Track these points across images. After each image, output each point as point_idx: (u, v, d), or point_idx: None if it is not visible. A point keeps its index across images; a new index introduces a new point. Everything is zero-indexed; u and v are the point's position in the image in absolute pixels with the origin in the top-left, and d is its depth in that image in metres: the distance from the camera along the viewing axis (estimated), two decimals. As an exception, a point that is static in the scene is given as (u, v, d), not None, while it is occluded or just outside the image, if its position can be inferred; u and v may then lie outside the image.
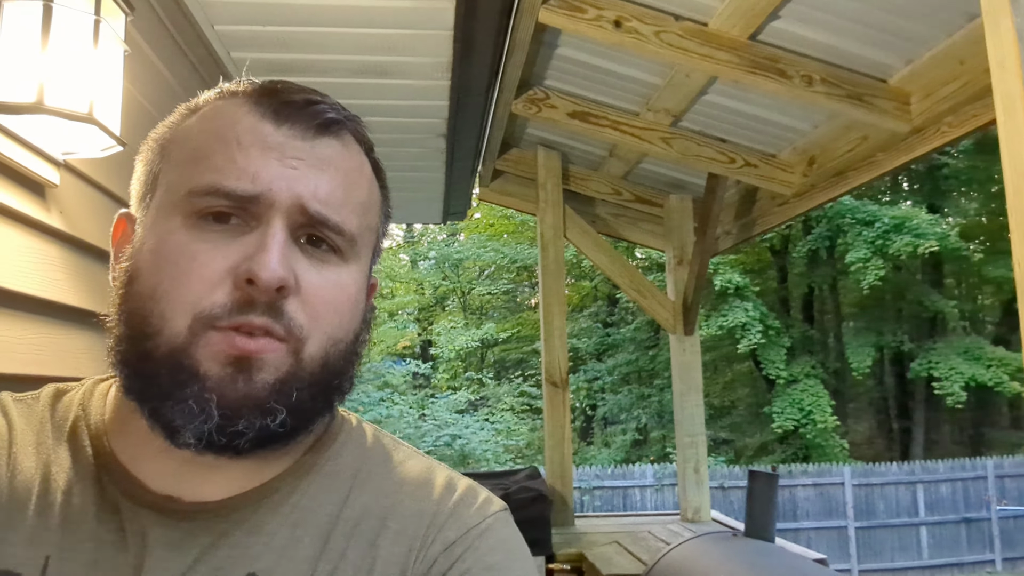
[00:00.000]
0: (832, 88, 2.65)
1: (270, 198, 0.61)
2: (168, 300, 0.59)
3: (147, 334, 0.59)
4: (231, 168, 0.61)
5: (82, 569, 0.60)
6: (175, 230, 0.61)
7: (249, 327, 0.58)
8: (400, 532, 0.65)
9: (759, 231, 3.86)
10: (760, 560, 2.40)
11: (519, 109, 3.43)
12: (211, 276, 0.59)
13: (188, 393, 0.57)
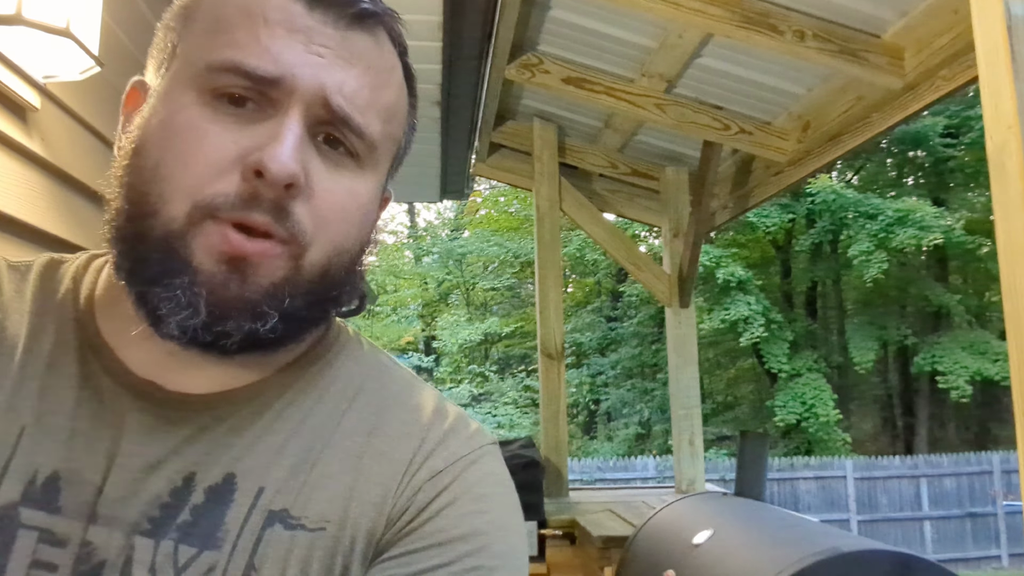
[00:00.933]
0: (824, 44, 2.63)
1: (291, 84, 0.56)
2: (170, 181, 0.55)
3: (144, 213, 0.56)
4: (253, 46, 0.56)
5: (55, 443, 0.57)
6: (188, 105, 0.56)
7: (250, 224, 0.55)
8: (385, 453, 0.62)
9: (755, 202, 3.84)
10: (748, 514, 2.38)
11: (512, 75, 3.41)
12: (218, 162, 0.55)
13: (177, 284, 0.54)
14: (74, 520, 0.55)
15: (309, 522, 0.58)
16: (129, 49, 1.92)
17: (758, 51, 2.86)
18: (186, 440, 0.59)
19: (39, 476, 0.56)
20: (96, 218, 1.76)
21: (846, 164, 19.17)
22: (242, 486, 0.58)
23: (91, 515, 0.56)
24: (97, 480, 0.56)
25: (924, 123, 16.31)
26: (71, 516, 0.55)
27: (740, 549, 2.10)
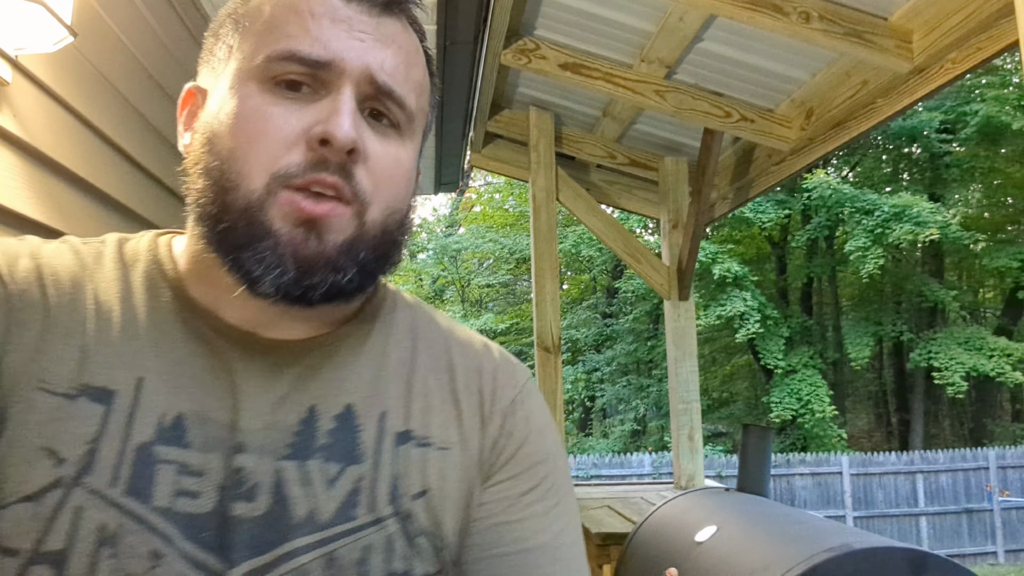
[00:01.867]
0: (830, 25, 2.55)
1: (341, 65, 0.64)
2: (246, 160, 0.63)
3: (226, 188, 0.63)
4: (305, 36, 0.64)
5: (174, 390, 0.63)
6: (252, 95, 0.64)
7: (322, 183, 0.62)
8: (468, 386, 0.73)
9: (756, 192, 3.77)
10: (753, 510, 2.31)
11: (508, 60, 3.33)
12: (287, 137, 0.62)
13: (264, 247, 0.61)
14: (208, 452, 0.62)
15: (437, 441, 0.69)
16: (105, 21, 1.83)
17: (761, 34, 2.79)
18: (299, 378, 0.67)
19: (166, 418, 0.62)
20: (74, 200, 1.68)
21: (842, 160, 19.15)
22: (363, 413, 0.68)
23: (233, 447, 0.63)
24: (226, 417, 0.63)
25: (920, 118, 16.29)
26: (203, 449, 0.62)
27: (746, 546, 2.02)
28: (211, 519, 0.60)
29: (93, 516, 0.58)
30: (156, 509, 0.59)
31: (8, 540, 0.56)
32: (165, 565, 0.58)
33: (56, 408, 0.60)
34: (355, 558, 0.63)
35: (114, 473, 0.60)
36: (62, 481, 0.58)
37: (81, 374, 0.62)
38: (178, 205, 2.31)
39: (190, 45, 2.48)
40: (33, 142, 1.51)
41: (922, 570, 1.75)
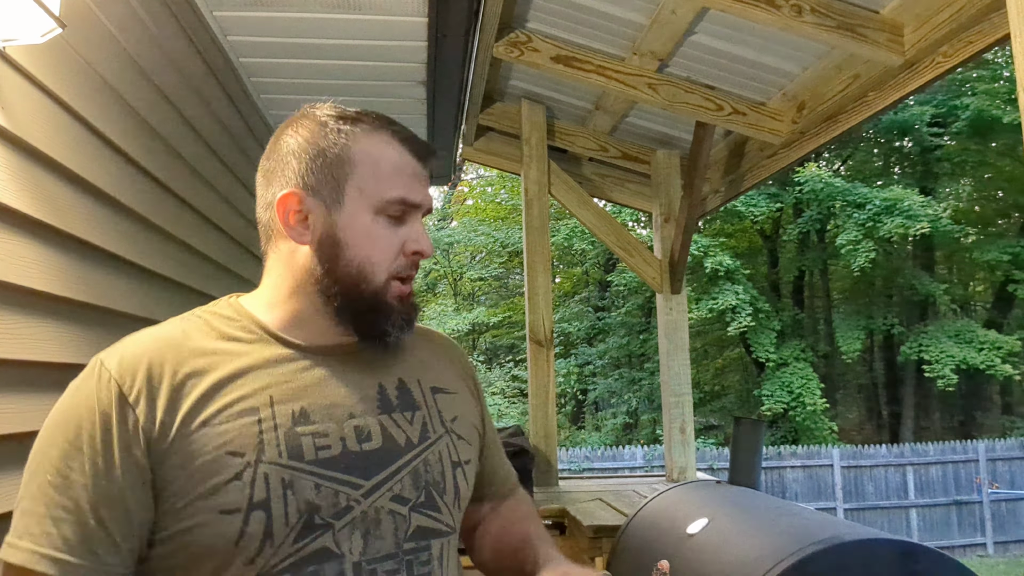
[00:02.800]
0: (823, 18, 2.56)
1: (425, 205, 1.05)
2: (371, 263, 1.00)
3: (360, 278, 1.00)
4: (411, 188, 1.03)
5: (293, 394, 0.97)
6: (371, 221, 1.01)
7: (412, 278, 1.05)
8: (449, 356, 1.20)
9: (748, 185, 3.77)
10: (744, 502, 2.32)
11: (500, 53, 3.32)
12: (392, 250, 1.02)
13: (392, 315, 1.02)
14: (330, 423, 0.97)
15: (451, 389, 1.13)
16: (94, 13, 1.82)
17: (753, 27, 2.79)
18: (364, 368, 1.04)
19: (295, 410, 0.95)
20: (63, 193, 1.67)
21: (834, 153, 19.18)
22: (409, 381, 1.08)
23: (345, 416, 0.98)
24: (336, 399, 0.99)
25: (911, 112, 16.31)
26: (325, 421, 0.96)
27: (737, 538, 2.03)
28: (343, 458, 0.95)
29: (275, 476, 0.91)
30: (308, 461, 0.93)
31: (229, 505, 0.88)
32: (324, 488, 0.93)
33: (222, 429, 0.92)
34: (434, 458, 1.04)
35: (278, 450, 0.92)
36: (250, 464, 0.90)
37: (234, 405, 0.94)
38: (167, 198, 2.30)
39: (180, 38, 2.46)
40: (22, 135, 1.50)
41: (912, 562, 1.75)
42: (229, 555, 0.88)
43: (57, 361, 1.62)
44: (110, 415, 0.89)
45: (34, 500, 0.88)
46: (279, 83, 3.35)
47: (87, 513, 0.86)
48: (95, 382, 0.92)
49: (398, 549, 0.96)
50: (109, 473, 0.87)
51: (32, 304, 1.53)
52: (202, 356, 0.96)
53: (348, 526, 0.93)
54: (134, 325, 2.03)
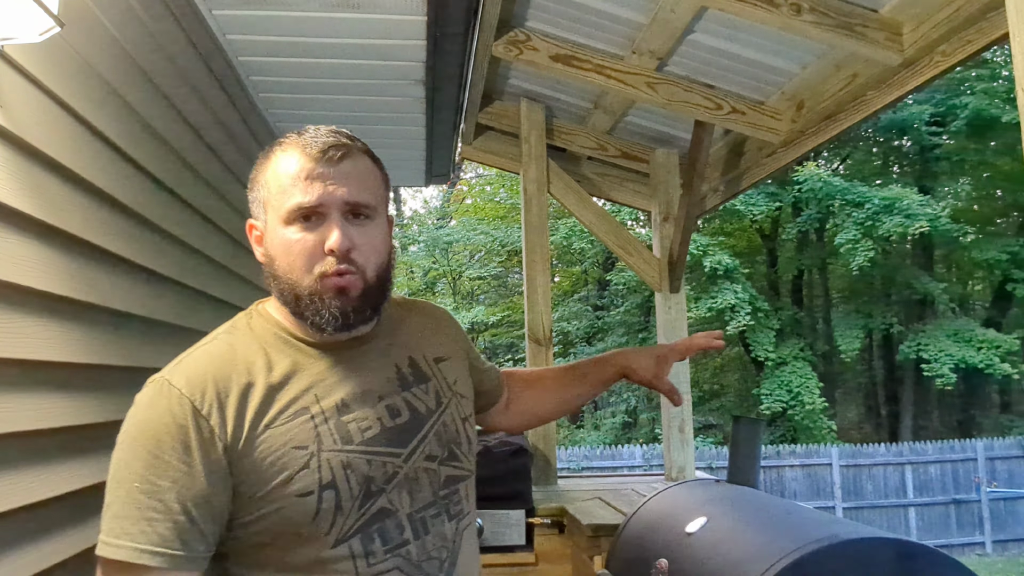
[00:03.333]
0: (821, 17, 2.55)
1: (327, 207, 1.14)
2: (293, 269, 1.14)
3: (293, 284, 1.15)
4: (305, 192, 1.13)
5: (332, 379, 1.18)
6: (283, 232, 1.15)
7: (339, 271, 1.13)
8: (438, 324, 1.41)
9: (747, 184, 3.77)
10: (743, 501, 2.32)
11: (499, 52, 3.32)
12: (310, 252, 1.13)
13: (324, 311, 1.14)
14: (366, 408, 1.17)
15: (447, 355, 1.34)
16: (93, 12, 1.82)
17: (752, 26, 2.79)
18: (378, 355, 1.24)
19: (337, 403, 1.16)
20: (61, 192, 1.66)
21: (832, 152, 19.18)
22: (417, 358, 1.29)
23: (376, 399, 1.19)
24: (365, 386, 1.19)
25: (910, 111, 16.32)
26: (363, 407, 1.17)
27: (736, 537, 2.03)
28: (383, 435, 1.16)
29: (336, 460, 1.11)
30: (358, 443, 1.14)
31: (302, 489, 1.08)
32: (374, 462, 1.14)
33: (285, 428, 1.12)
34: (449, 419, 1.26)
35: (333, 439, 1.12)
36: (314, 455, 1.10)
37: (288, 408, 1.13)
38: (166, 197, 2.30)
39: (179, 37, 2.46)
40: (21, 134, 1.50)
41: (910, 560, 1.76)
42: (309, 528, 1.09)
43: (56, 360, 1.62)
44: (187, 427, 1.07)
45: (125, 505, 1.04)
46: (278, 82, 3.34)
47: (177, 511, 1.04)
48: (166, 400, 1.10)
49: (436, 497, 1.20)
50: (192, 476, 1.05)
51: (31, 303, 1.53)
52: (253, 367, 1.15)
53: (396, 487, 1.15)
54: (133, 324, 2.03)
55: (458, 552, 1.21)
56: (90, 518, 1.77)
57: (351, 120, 3.85)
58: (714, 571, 1.95)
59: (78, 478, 1.71)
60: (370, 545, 1.12)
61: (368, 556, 1.12)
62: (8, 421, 1.43)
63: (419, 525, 1.17)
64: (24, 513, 1.48)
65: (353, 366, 1.19)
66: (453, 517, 1.22)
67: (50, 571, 1.57)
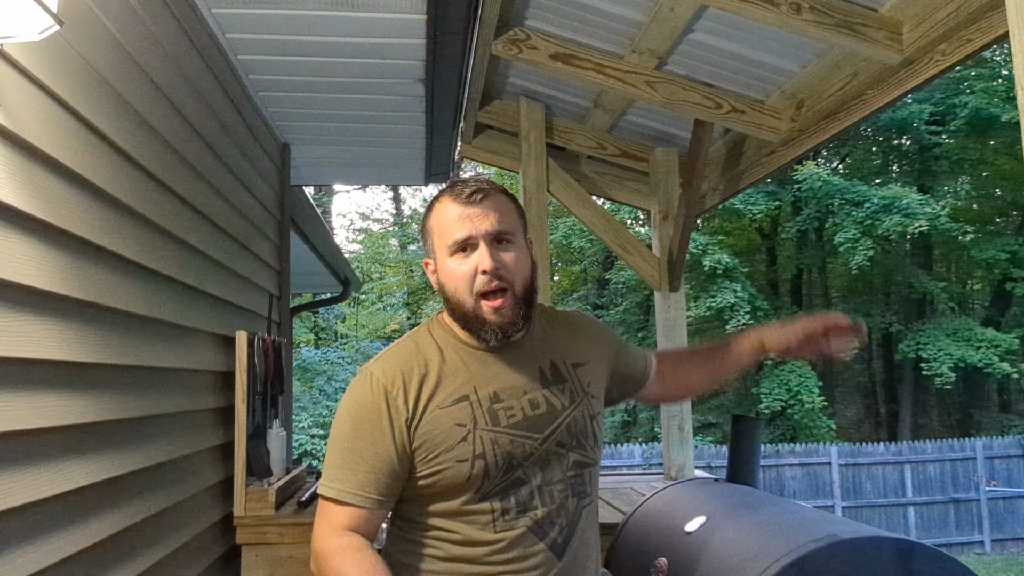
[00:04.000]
0: (821, 16, 2.55)
1: (475, 238, 1.45)
2: (459, 291, 1.47)
3: (459, 303, 1.47)
4: (460, 229, 1.46)
5: (489, 374, 1.49)
6: (449, 263, 1.47)
7: (492, 289, 1.44)
8: (581, 330, 1.66)
9: (747, 183, 3.77)
10: (742, 500, 2.32)
11: (499, 50, 3.32)
12: (469, 276, 1.45)
13: (486, 331, 1.46)
14: (512, 399, 1.47)
15: (586, 360, 1.59)
16: (92, 10, 1.82)
17: (752, 25, 2.78)
18: (527, 357, 1.53)
19: (490, 393, 1.47)
20: (61, 190, 1.66)
21: (832, 151, 19.18)
22: (558, 361, 1.55)
23: (521, 391, 1.49)
24: (514, 382, 1.49)
25: (909, 110, 16.32)
26: (510, 398, 1.47)
27: (735, 536, 2.03)
28: (524, 422, 1.46)
29: (486, 437, 1.43)
30: (503, 426, 1.44)
31: (460, 456, 1.41)
32: (517, 440, 1.44)
33: (451, 410, 1.45)
34: (579, 415, 1.52)
35: (485, 420, 1.44)
36: (471, 431, 1.43)
37: (453, 394, 1.46)
38: (165, 196, 2.29)
39: (178, 35, 2.46)
40: (20, 132, 1.50)
41: (910, 559, 1.76)
42: (464, 486, 1.43)
43: (56, 359, 1.62)
44: (381, 407, 1.44)
45: (336, 460, 1.46)
46: (277, 80, 3.34)
47: (372, 467, 1.42)
48: (369, 385, 1.46)
49: (563, 476, 1.48)
50: (383, 442, 1.43)
51: (30, 302, 1.53)
52: (430, 361, 1.49)
53: (532, 463, 1.46)
54: (132, 322, 2.03)
55: (576, 523, 1.50)
56: (90, 516, 1.77)
57: (350, 119, 3.86)
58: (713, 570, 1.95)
59: (78, 476, 1.71)
60: (507, 503, 1.44)
61: (505, 512, 1.44)
62: (8, 420, 1.43)
63: (547, 495, 1.46)
64: (24, 511, 1.48)
65: (505, 365, 1.50)
66: (576, 495, 1.50)
67: (51, 569, 1.57)
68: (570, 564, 1.48)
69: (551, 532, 1.45)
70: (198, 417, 2.66)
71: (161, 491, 2.25)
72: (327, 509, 1.45)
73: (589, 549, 1.54)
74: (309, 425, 13.75)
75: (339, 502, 1.43)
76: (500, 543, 1.43)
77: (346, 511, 1.43)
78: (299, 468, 3.56)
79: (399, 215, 23.60)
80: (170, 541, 2.32)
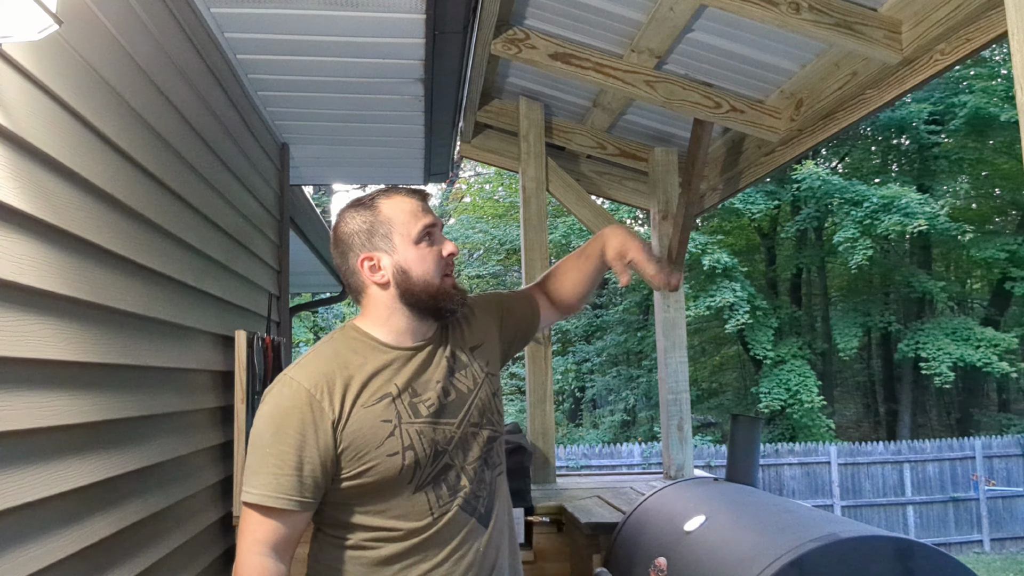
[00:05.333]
0: (820, 16, 2.55)
1: (439, 226, 1.60)
2: (428, 274, 1.55)
3: (427, 284, 1.55)
4: (424, 218, 1.57)
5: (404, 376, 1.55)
6: (416, 249, 1.55)
7: (453, 270, 1.61)
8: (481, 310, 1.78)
9: (746, 183, 3.77)
10: (741, 499, 2.32)
11: (498, 50, 3.32)
12: (436, 259, 1.56)
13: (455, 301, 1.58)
14: (428, 392, 1.55)
15: (481, 339, 1.73)
16: (91, 10, 1.82)
17: (751, 24, 2.78)
18: (437, 349, 1.61)
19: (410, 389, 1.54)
20: (60, 189, 1.66)
21: (831, 151, 19.18)
22: (458, 351, 1.65)
23: (434, 384, 1.57)
24: (427, 376, 1.57)
25: (909, 110, 16.32)
26: (426, 391, 1.55)
27: (734, 535, 2.03)
28: (441, 410, 1.55)
29: (411, 429, 1.50)
30: (423, 416, 1.52)
31: (390, 451, 1.47)
32: (439, 428, 1.53)
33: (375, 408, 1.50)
34: (484, 394, 1.64)
35: (408, 414, 1.51)
36: (396, 426, 1.49)
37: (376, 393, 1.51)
38: (165, 195, 2.29)
39: (177, 35, 2.46)
40: (19, 132, 1.50)
41: (909, 558, 1.76)
42: (397, 479, 1.49)
43: (56, 359, 1.62)
44: (304, 411, 1.45)
45: (259, 464, 1.44)
46: (276, 80, 3.34)
47: (297, 470, 1.42)
48: (291, 391, 1.47)
49: (480, 452, 1.61)
50: (308, 444, 1.43)
51: (29, 302, 1.53)
52: (350, 365, 1.52)
53: (454, 447, 1.56)
54: (132, 322, 2.03)
55: (495, 492, 1.64)
56: (90, 516, 1.77)
57: (350, 118, 3.85)
58: (713, 569, 1.95)
59: (78, 476, 1.71)
60: (440, 490, 1.54)
61: (439, 498, 1.54)
62: (8, 419, 1.43)
63: (470, 473, 1.58)
64: (24, 511, 1.48)
65: (418, 362, 1.57)
66: (491, 467, 1.64)
67: (51, 568, 1.57)
68: (494, 530, 1.62)
69: (477, 505, 1.59)
70: (197, 416, 2.66)
71: (160, 490, 2.25)
72: (250, 519, 1.43)
73: (505, 513, 1.68)
74: (308, 425, 13.71)
75: (262, 508, 1.42)
76: (438, 526, 1.53)
77: (270, 518, 1.43)
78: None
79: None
80: (169, 540, 2.32)
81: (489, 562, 1.60)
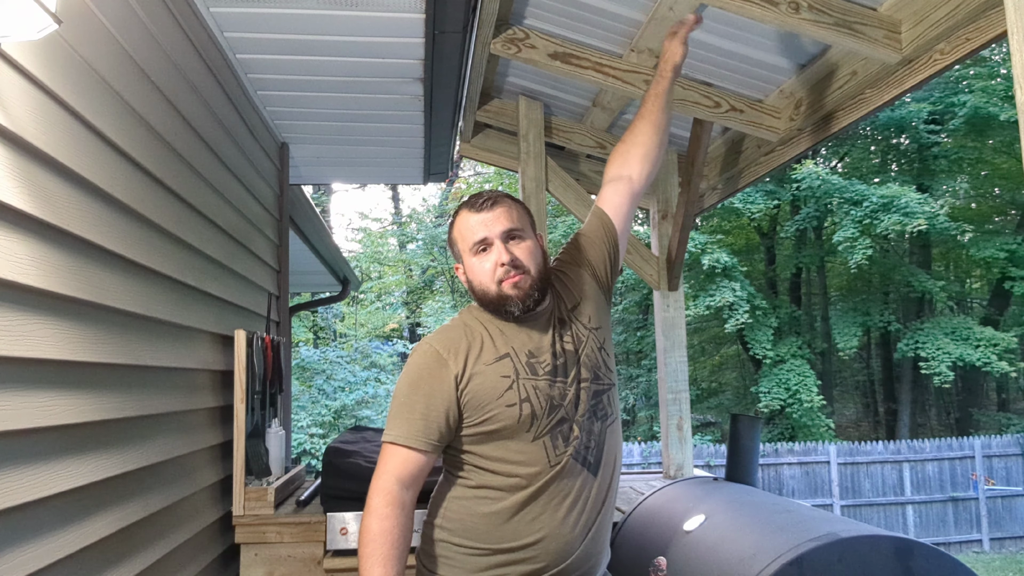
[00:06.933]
0: (819, 15, 2.55)
1: (490, 238, 1.83)
2: (483, 283, 1.84)
3: (485, 293, 1.84)
4: (477, 233, 1.83)
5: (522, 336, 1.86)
6: (474, 261, 1.85)
7: (510, 276, 1.80)
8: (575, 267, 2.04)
9: (745, 182, 3.77)
10: (741, 499, 2.32)
11: (498, 49, 3.31)
12: (491, 269, 1.82)
13: (510, 305, 1.82)
14: (542, 353, 1.85)
15: (580, 297, 1.98)
16: (91, 9, 1.81)
17: (751, 24, 2.78)
18: (546, 316, 1.90)
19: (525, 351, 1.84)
20: (60, 189, 1.66)
21: (831, 150, 19.18)
22: (562, 315, 1.92)
23: (547, 346, 1.86)
24: (537, 341, 1.86)
25: (908, 109, 16.32)
26: (540, 353, 1.84)
27: (734, 535, 2.03)
28: (553, 369, 1.83)
29: (528, 385, 1.79)
30: (540, 375, 1.81)
31: (509, 402, 1.76)
32: (556, 385, 1.82)
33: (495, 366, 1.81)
34: (590, 350, 1.91)
35: (525, 372, 1.80)
36: (515, 381, 1.79)
37: (496, 353, 1.82)
38: (164, 195, 2.29)
39: (177, 34, 2.46)
40: (18, 132, 1.50)
41: (908, 558, 1.76)
42: (515, 427, 1.76)
43: (56, 359, 1.62)
44: (434, 367, 1.79)
45: (395, 412, 1.79)
46: (276, 79, 3.34)
47: (425, 417, 1.76)
48: (425, 352, 1.82)
49: (588, 406, 1.84)
50: (435, 396, 1.76)
51: (29, 301, 1.53)
52: (474, 332, 1.84)
53: (568, 403, 1.81)
54: (131, 322, 2.03)
55: (603, 442, 1.86)
56: (90, 515, 1.77)
57: (349, 118, 3.85)
58: (712, 569, 1.95)
59: (78, 475, 1.71)
60: (556, 440, 1.78)
61: (555, 447, 1.78)
62: (8, 419, 1.43)
63: (581, 424, 1.81)
64: (24, 511, 1.48)
65: (530, 329, 1.85)
66: (599, 419, 1.86)
67: (50, 568, 1.57)
68: (602, 478, 1.84)
69: (587, 455, 1.82)
70: (197, 416, 2.66)
71: (160, 490, 2.26)
72: (386, 454, 1.78)
73: (615, 462, 1.90)
74: (308, 424, 13.74)
75: (396, 445, 1.76)
76: (552, 472, 1.77)
77: (400, 455, 1.76)
78: (298, 467, 3.56)
79: (398, 214, 23.59)
80: (169, 540, 2.32)
81: (595, 508, 1.83)
